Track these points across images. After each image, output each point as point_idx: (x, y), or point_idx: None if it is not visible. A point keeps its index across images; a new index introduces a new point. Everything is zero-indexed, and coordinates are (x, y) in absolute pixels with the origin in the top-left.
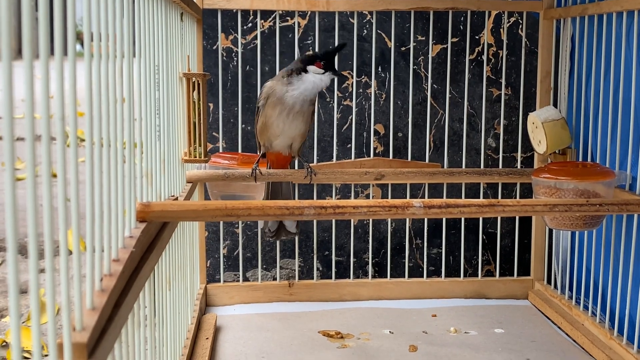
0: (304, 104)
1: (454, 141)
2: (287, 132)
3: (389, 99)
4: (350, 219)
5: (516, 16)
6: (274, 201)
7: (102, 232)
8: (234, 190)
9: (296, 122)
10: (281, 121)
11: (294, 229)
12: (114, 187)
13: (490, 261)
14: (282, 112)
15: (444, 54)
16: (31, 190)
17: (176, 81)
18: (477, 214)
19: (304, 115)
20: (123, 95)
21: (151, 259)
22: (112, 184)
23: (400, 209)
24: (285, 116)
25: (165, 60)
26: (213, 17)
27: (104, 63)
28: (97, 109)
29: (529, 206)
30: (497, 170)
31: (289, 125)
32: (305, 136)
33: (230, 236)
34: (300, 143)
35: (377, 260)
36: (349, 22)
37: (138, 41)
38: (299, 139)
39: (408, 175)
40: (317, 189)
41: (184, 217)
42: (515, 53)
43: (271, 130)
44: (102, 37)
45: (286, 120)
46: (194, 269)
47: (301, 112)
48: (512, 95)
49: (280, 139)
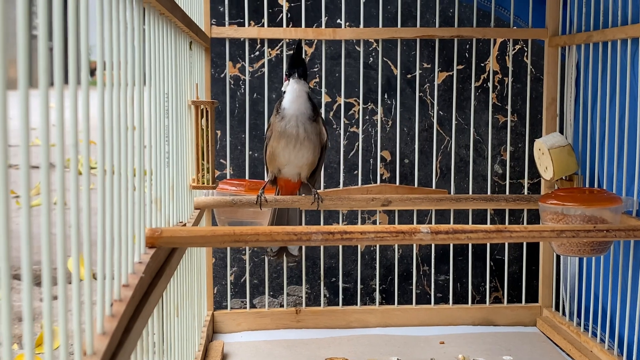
0: (303, 130)
1: (461, 167)
2: (294, 161)
3: (395, 125)
4: (357, 244)
5: (521, 44)
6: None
7: (112, 258)
8: (241, 217)
9: (303, 151)
10: (287, 152)
11: (296, 252)
12: (124, 213)
13: (498, 288)
14: (289, 144)
15: (449, 81)
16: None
17: (185, 109)
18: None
19: (310, 143)
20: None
21: (160, 284)
22: (122, 210)
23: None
24: (293, 147)
25: (175, 88)
26: (221, 46)
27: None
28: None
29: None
30: (504, 197)
31: (295, 155)
32: (314, 165)
33: (237, 263)
34: (308, 171)
35: (385, 287)
36: (355, 50)
37: (148, 69)
38: (306, 167)
39: (415, 201)
40: (324, 215)
41: (193, 243)
42: (520, 80)
43: (278, 160)
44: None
45: (292, 152)
46: (201, 295)
47: (306, 140)
48: (518, 122)
49: (288, 168)
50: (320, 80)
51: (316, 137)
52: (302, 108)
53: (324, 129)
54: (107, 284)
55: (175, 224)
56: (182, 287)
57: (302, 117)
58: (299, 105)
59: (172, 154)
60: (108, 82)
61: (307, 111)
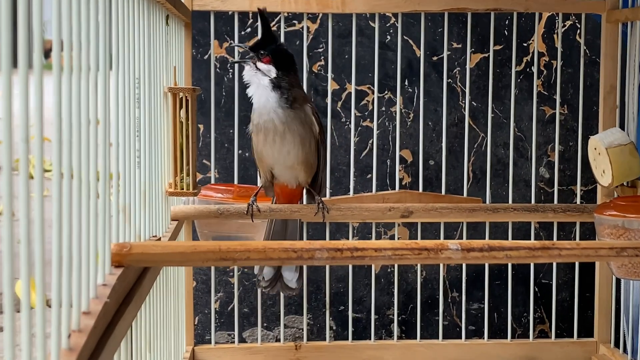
0: (279, 120)
1: (498, 171)
2: (280, 160)
3: (418, 119)
4: (370, 264)
5: (573, 19)
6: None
7: (70, 280)
8: (228, 230)
9: (287, 146)
10: (268, 148)
11: (295, 283)
12: (85, 225)
13: (545, 319)
14: (267, 138)
15: (484, 64)
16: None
17: (160, 98)
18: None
19: (293, 136)
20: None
21: (128, 312)
22: (82, 222)
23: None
24: (272, 141)
25: (147, 72)
26: (204, 21)
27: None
28: (67, 133)
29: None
30: (551, 207)
31: (279, 151)
32: (311, 165)
33: (223, 287)
34: (306, 174)
35: (404, 318)
36: (369, 27)
37: (115, 50)
38: (301, 169)
39: (442, 212)
40: (330, 228)
41: (169, 262)
42: (572, 63)
43: (264, 159)
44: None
45: (273, 147)
46: (179, 326)
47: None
48: (568, 115)
49: (279, 169)
50: (325, 64)
51: (302, 128)
52: (266, 93)
53: (315, 118)
54: (64, 312)
55: (148, 238)
56: (156, 315)
57: (272, 105)
58: (262, 98)
59: (144, 153)
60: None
61: (273, 98)
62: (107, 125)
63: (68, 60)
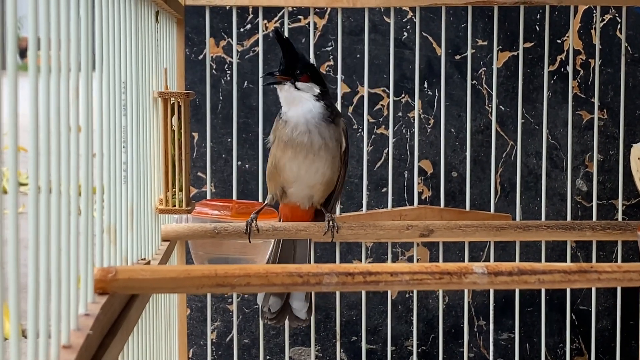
0: (318, 136)
1: (530, 184)
2: (304, 178)
3: (439, 125)
4: (386, 290)
5: (612, 12)
6: (281, 265)
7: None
8: (226, 252)
9: (317, 164)
10: (296, 165)
11: (304, 314)
12: (65, 247)
13: (583, 350)
14: (298, 155)
15: (513, 64)
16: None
17: (149, 103)
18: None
19: (328, 153)
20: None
21: (114, 346)
22: (62, 242)
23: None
24: (304, 158)
25: (135, 74)
26: (199, 17)
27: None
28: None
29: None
30: (589, 224)
31: (307, 169)
32: (331, 185)
33: (221, 315)
34: (323, 193)
35: (425, 349)
36: (384, 22)
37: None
38: (321, 188)
39: (466, 230)
40: (340, 249)
41: (159, 288)
42: (611, 63)
43: (283, 175)
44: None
45: (302, 164)
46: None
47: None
48: (608, 121)
49: (296, 188)
50: (335, 64)
51: (335, 145)
52: (309, 106)
53: (344, 135)
54: (42, 344)
55: (136, 261)
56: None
57: (314, 119)
58: (303, 105)
59: (131, 165)
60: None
61: (317, 110)
62: (90, 133)
63: (46, 60)
